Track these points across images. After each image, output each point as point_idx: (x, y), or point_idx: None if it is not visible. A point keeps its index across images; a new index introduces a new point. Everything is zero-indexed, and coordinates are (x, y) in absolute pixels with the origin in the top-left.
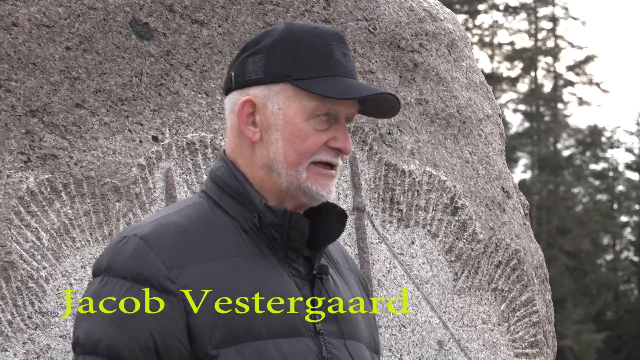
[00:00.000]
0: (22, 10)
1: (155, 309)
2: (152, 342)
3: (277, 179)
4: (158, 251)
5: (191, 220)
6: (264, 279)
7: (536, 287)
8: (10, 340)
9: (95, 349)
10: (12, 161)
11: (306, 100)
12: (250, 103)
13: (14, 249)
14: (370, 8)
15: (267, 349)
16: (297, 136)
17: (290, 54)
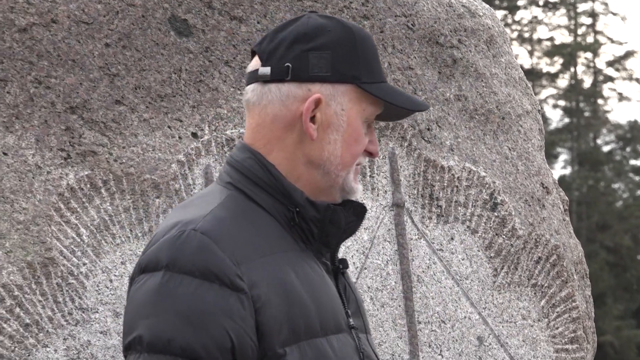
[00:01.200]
0: (62, 7)
1: (228, 307)
2: (229, 341)
3: (319, 177)
4: (223, 247)
5: (237, 214)
6: (311, 275)
7: (576, 283)
8: (51, 336)
9: (166, 349)
10: (52, 158)
11: (366, 104)
12: (319, 100)
13: (54, 245)
14: (409, 4)
15: (323, 347)
16: (355, 139)
17: (355, 54)
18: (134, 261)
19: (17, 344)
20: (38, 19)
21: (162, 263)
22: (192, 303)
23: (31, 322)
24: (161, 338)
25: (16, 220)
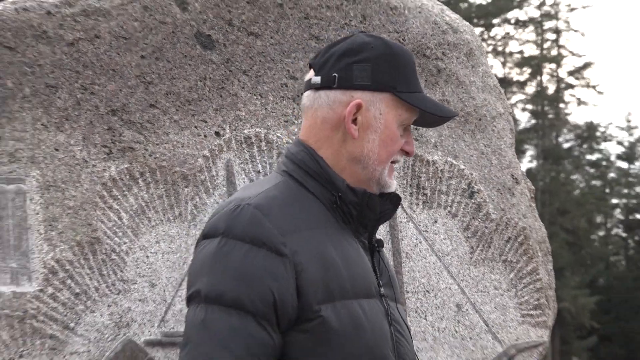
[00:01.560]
0: (103, 24)
1: (272, 268)
2: (271, 297)
3: (360, 170)
4: (271, 219)
5: (287, 195)
6: (348, 248)
7: (540, 259)
8: (97, 303)
9: (219, 300)
10: (96, 153)
11: (401, 110)
12: (359, 105)
13: (99, 227)
14: (400, 22)
15: (354, 307)
16: (391, 139)
17: (393, 68)
18: (167, 240)
19: (69, 310)
20: (84, 34)
21: (219, 230)
22: (242, 264)
23: (80, 292)
24: (215, 292)
25: (67, 206)
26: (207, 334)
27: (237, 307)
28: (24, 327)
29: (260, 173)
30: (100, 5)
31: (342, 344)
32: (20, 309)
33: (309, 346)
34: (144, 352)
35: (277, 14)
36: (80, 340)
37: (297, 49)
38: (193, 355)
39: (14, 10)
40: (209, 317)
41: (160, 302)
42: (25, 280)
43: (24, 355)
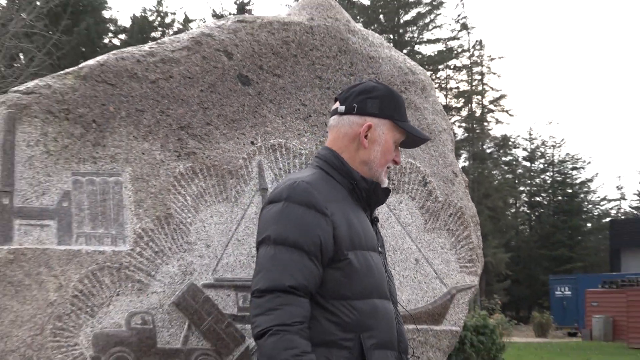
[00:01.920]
0: (175, 69)
1: (319, 222)
2: (319, 241)
3: (367, 170)
4: (317, 191)
5: (320, 179)
6: (360, 217)
7: (472, 228)
8: (170, 258)
9: (284, 242)
10: (170, 156)
11: (396, 132)
12: (370, 126)
13: (171, 206)
14: (376, 67)
15: (366, 256)
16: (388, 151)
17: (392, 104)
18: (217, 215)
19: (150, 263)
20: (162, 75)
21: (283, 197)
22: (299, 219)
23: (158, 250)
24: (282, 236)
25: (150, 192)
26: (275, 264)
27: (296, 247)
28: (120, 274)
29: (281, 169)
30: (173, 56)
31: (360, 279)
32: (117, 262)
33: (339, 278)
34: (202, 291)
35: (293, 61)
36: (158, 284)
37: (306, 85)
38: (266, 277)
39: (114, 59)
40: (277, 253)
41: (213, 257)
42: (121, 242)
43: (119, 294)
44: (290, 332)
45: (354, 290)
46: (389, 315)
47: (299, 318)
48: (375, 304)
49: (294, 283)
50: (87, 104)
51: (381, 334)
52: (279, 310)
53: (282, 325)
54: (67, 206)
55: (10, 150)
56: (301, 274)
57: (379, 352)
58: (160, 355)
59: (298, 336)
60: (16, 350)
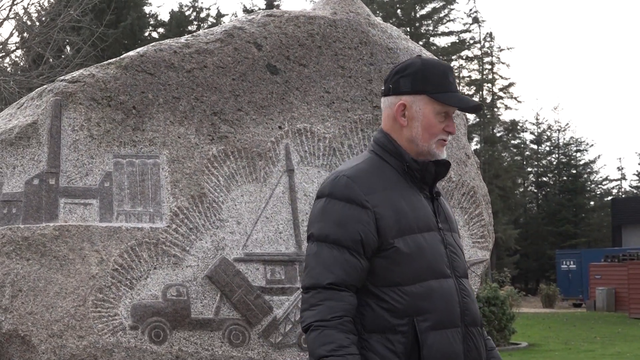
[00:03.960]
0: (209, 59)
1: (360, 217)
2: (359, 236)
3: (414, 147)
4: (359, 185)
5: (372, 166)
6: (413, 199)
7: (483, 206)
8: (203, 234)
9: (325, 239)
10: (204, 139)
11: (435, 105)
12: (403, 105)
13: (205, 186)
14: (394, 57)
15: (418, 239)
16: (430, 125)
17: (425, 78)
18: (247, 194)
19: (185, 238)
20: (196, 65)
21: (325, 193)
22: (340, 215)
23: (193, 227)
24: (323, 233)
25: (185, 173)
26: (318, 261)
27: (336, 244)
28: (157, 249)
29: (306, 152)
30: (207, 47)
31: (410, 264)
32: (155, 238)
33: (387, 265)
34: (233, 265)
35: (317, 52)
36: (193, 258)
37: (329, 74)
38: (310, 274)
39: (153, 50)
40: (319, 250)
41: (243, 234)
42: (158, 219)
43: (156, 267)
44: (329, 327)
45: (404, 275)
46: (448, 294)
47: (338, 313)
48: (430, 286)
49: (334, 280)
50: (128, 91)
51: (438, 315)
52: (320, 306)
53: (321, 321)
54: (108, 186)
55: (56, 135)
56: (342, 270)
57: (436, 333)
58: (194, 325)
59: (336, 331)
60: (60, 320)
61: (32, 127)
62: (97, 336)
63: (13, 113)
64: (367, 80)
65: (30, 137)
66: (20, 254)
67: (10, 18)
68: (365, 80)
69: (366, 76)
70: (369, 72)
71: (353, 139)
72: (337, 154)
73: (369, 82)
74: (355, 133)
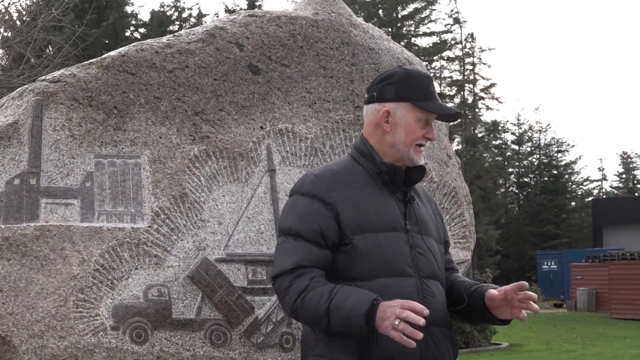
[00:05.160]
0: (190, 59)
1: (321, 211)
2: (319, 228)
3: (395, 152)
4: (324, 183)
5: (342, 168)
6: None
7: (465, 206)
8: (184, 234)
9: (288, 231)
10: (185, 139)
11: (417, 112)
12: (387, 112)
13: (186, 186)
14: (376, 58)
15: (378, 238)
16: (411, 131)
17: (409, 86)
18: (229, 194)
19: (167, 239)
20: (178, 65)
21: (294, 191)
22: (303, 209)
23: (174, 227)
24: (287, 226)
25: (166, 173)
26: (281, 252)
27: (298, 235)
28: (138, 249)
29: (288, 152)
30: (189, 47)
31: (367, 260)
32: (136, 238)
33: (346, 261)
34: (214, 265)
35: (299, 52)
36: (174, 259)
37: (311, 74)
38: (275, 265)
39: (135, 50)
40: (283, 242)
41: (225, 234)
42: (139, 219)
43: (138, 268)
44: (309, 291)
45: (361, 271)
46: (405, 292)
47: (309, 280)
48: (385, 283)
49: (296, 263)
50: (109, 91)
51: None
52: (291, 287)
53: (299, 296)
54: (89, 186)
55: (37, 135)
56: (303, 255)
57: None
58: (175, 325)
59: (315, 289)
60: (41, 321)
61: (13, 127)
62: (78, 336)
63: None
64: (349, 81)
65: (11, 137)
66: (1, 254)
67: None
68: (347, 81)
69: (348, 76)
70: (351, 73)
71: (335, 139)
72: (318, 154)
73: (351, 82)
74: (337, 133)
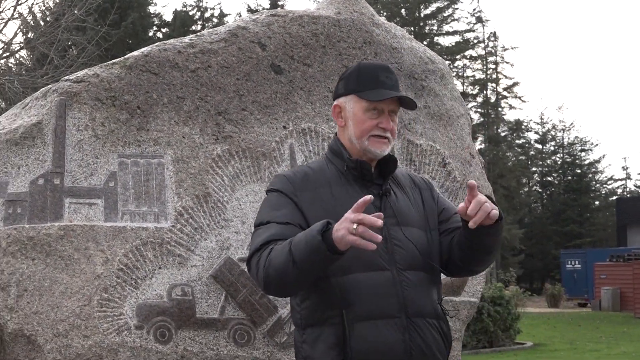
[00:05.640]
0: (213, 59)
1: (288, 205)
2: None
3: (355, 146)
4: (292, 182)
5: (313, 169)
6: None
7: None
8: (208, 234)
9: (260, 223)
10: (209, 139)
11: (363, 102)
12: (339, 107)
13: (210, 186)
14: (398, 57)
15: None
16: (361, 122)
17: (356, 79)
18: (252, 194)
19: (190, 238)
20: (201, 65)
21: (268, 188)
22: (273, 203)
23: (197, 227)
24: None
25: (189, 173)
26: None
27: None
28: (162, 249)
29: (311, 151)
30: (211, 47)
31: None
32: (160, 237)
33: None
34: (237, 265)
35: (321, 52)
36: (197, 258)
37: (334, 73)
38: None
39: (157, 50)
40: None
41: (248, 233)
42: (163, 219)
43: (161, 267)
44: (271, 252)
45: (333, 268)
46: (379, 286)
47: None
48: (356, 278)
49: (265, 239)
50: (132, 91)
51: (364, 307)
52: (260, 259)
53: (266, 260)
54: (113, 186)
55: (61, 135)
56: (270, 232)
57: (364, 324)
58: (199, 325)
59: (276, 247)
60: (66, 320)
61: (37, 127)
62: (103, 336)
63: (18, 113)
64: None
65: (35, 137)
66: (26, 253)
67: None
68: None
69: None
70: None
71: None
72: None
73: None
74: None
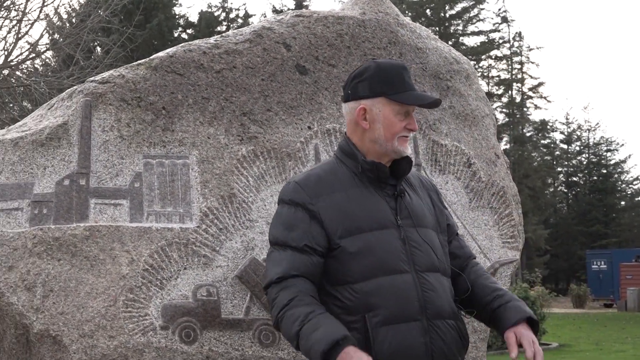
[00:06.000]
0: (238, 59)
1: (305, 219)
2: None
3: (378, 148)
4: (306, 190)
5: (325, 170)
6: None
7: (513, 206)
8: (233, 235)
9: (276, 242)
10: (234, 139)
11: (393, 105)
12: (364, 109)
13: (235, 186)
14: (423, 57)
15: (367, 237)
16: (391, 125)
17: (382, 80)
18: (277, 195)
19: (215, 239)
20: (226, 65)
21: (279, 199)
22: (288, 218)
23: (223, 227)
24: (274, 237)
25: (214, 173)
26: (270, 262)
27: (285, 245)
28: (187, 249)
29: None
30: (236, 48)
31: (357, 261)
32: (185, 238)
33: (337, 265)
34: (262, 265)
35: (346, 52)
36: (222, 259)
37: None
38: (265, 276)
39: (183, 51)
40: (271, 253)
41: None
42: (188, 220)
43: (187, 267)
44: (290, 308)
45: (353, 274)
46: (401, 289)
47: (293, 294)
48: (378, 282)
49: (281, 272)
50: (158, 92)
51: (388, 310)
52: (277, 298)
53: (282, 309)
54: (138, 186)
55: (87, 135)
56: (288, 264)
57: (388, 328)
58: (224, 325)
59: (296, 308)
60: (91, 320)
61: (63, 128)
62: (128, 336)
63: (43, 114)
64: None
65: (60, 138)
66: (51, 254)
67: (41, 19)
68: None
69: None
70: None
71: None
72: None
73: None
74: None
